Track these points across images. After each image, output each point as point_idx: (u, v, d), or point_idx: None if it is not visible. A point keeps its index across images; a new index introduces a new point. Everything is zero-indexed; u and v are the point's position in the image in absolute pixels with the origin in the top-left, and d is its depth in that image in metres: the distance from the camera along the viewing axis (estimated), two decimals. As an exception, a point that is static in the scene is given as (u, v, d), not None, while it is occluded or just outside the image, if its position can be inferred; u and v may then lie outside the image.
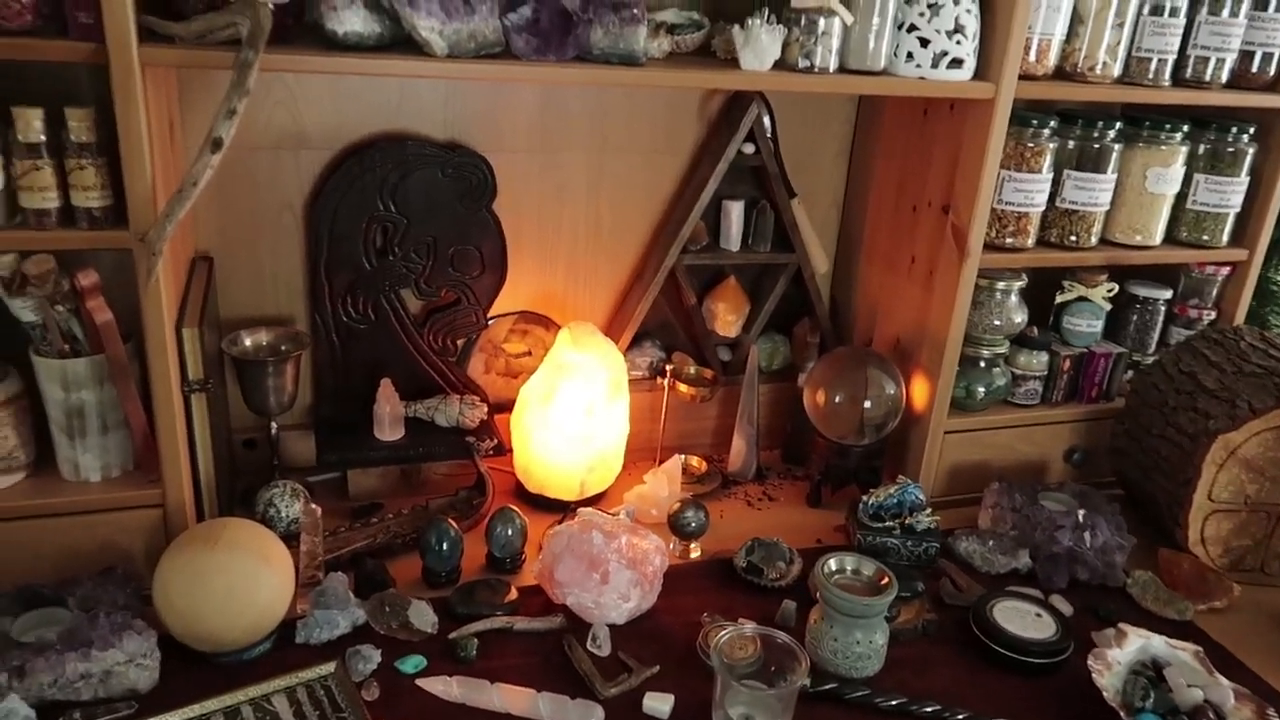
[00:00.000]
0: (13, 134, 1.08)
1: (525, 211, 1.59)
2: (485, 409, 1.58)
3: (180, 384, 1.21)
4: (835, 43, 1.30)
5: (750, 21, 1.27)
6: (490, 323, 1.63)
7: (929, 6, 1.32)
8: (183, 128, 1.34)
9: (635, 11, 1.21)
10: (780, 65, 1.30)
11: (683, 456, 1.65)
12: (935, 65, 1.34)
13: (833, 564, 1.23)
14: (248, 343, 1.46)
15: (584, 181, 1.61)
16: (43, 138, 1.08)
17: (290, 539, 1.30)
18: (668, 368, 1.62)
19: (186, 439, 1.24)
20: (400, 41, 1.16)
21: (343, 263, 1.50)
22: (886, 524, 1.45)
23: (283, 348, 1.46)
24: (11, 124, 1.07)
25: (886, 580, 1.20)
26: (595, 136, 1.58)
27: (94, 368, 1.19)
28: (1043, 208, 1.52)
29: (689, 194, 1.63)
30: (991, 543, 1.46)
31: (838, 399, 1.54)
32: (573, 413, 1.48)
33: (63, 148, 1.10)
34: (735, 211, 1.63)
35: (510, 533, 1.36)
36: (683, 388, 1.61)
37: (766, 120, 1.59)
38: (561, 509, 1.51)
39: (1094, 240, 1.58)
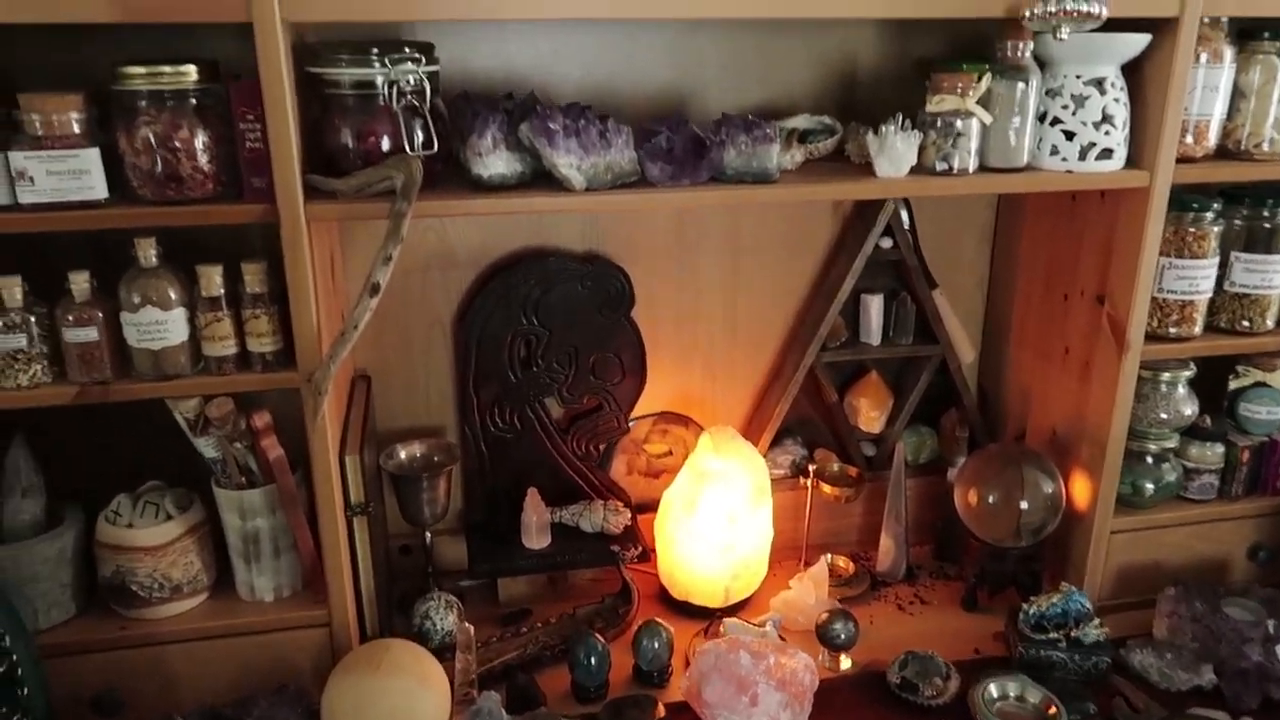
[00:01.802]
0: (197, 290, 1.17)
1: (663, 315, 1.61)
2: (629, 515, 1.60)
3: (344, 509, 1.28)
4: (974, 143, 1.27)
5: (884, 128, 1.26)
6: (631, 425, 1.65)
7: (1073, 99, 1.28)
8: (344, 263, 1.43)
9: (768, 131, 1.22)
10: (917, 169, 1.28)
11: (829, 557, 1.62)
12: (1083, 158, 1.30)
13: (994, 690, 1.17)
14: (402, 455, 1.53)
15: (719, 282, 1.62)
16: (222, 291, 1.18)
17: (444, 650, 1.35)
18: (811, 467, 1.60)
19: (350, 560, 1.30)
20: (541, 176, 1.21)
21: (490, 375, 1.55)
22: (1050, 636, 1.37)
23: (435, 458, 1.52)
24: (196, 281, 1.17)
25: (1054, 710, 1.13)
26: (729, 238, 1.59)
27: (267, 497, 1.27)
28: (1209, 294, 1.44)
29: (825, 290, 1.62)
30: (1170, 655, 1.36)
31: (991, 499, 1.48)
32: (716, 520, 1.48)
33: (239, 299, 1.19)
34: (875, 305, 1.61)
35: (657, 646, 1.36)
36: (826, 488, 1.58)
37: (904, 214, 1.56)
38: (706, 616, 1.51)
39: (1269, 324, 1.47)
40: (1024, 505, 1.46)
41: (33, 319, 1.15)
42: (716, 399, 1.70)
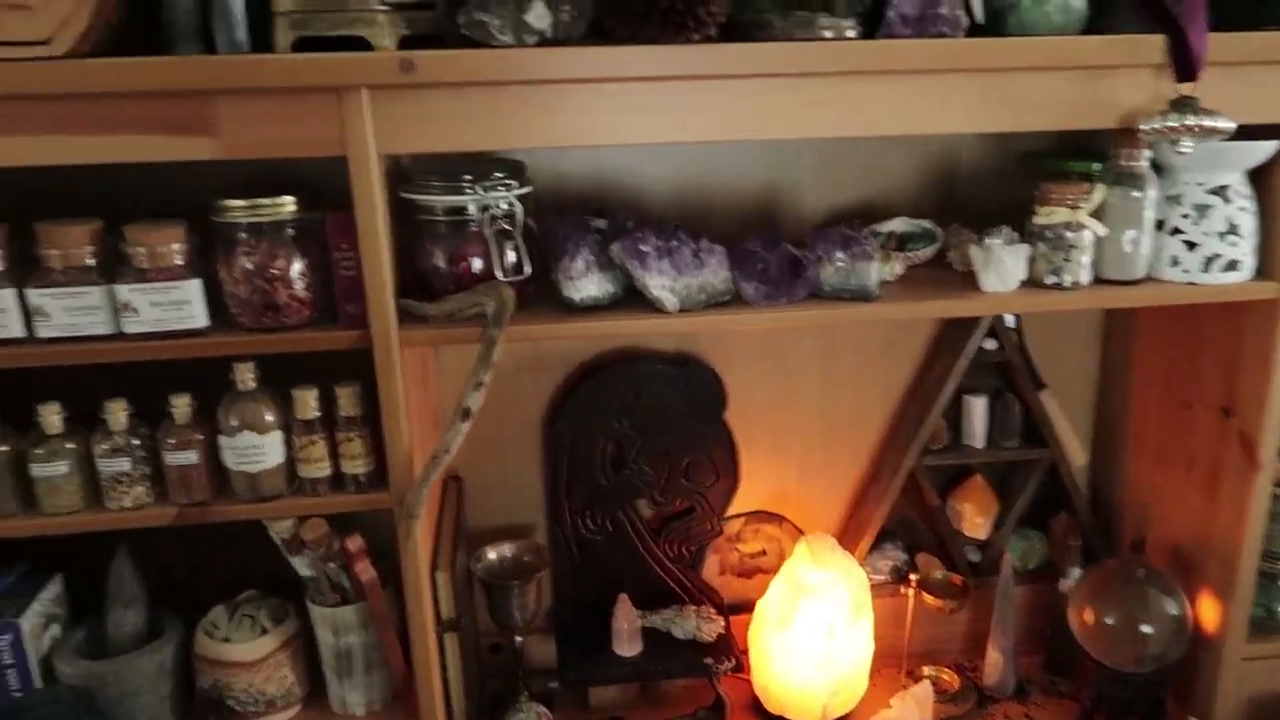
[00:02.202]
0: (293, 413, 1.18)
1: (756, 415, 1.57)
2: (722, 623, 1.55)
3: (435, 624, 1.27)
4: (1087, 255, 1.21)
5: (989, 241, 1.20)
6: (724, 525, 1.61)
7: (1195, 208, 1.20)
8: (437, 376, 1.43)
9: (867, 248, 1.18)
10: (1026, 282, 1.22)
11: (932, 671, 1.54)
12: (1206, 269, 1.22)
13: None
14: (492, 557, 1.51)
15: (815, 382, 1.58)
16: (317, 414, 1.18)
17: (534, 763, 1.32)
18: (913, 577, 1.53)
19: (440, 674, 1.29)
20: (633, 294, 1.19)
21: (581, 477, 1.53)
22: (1178, 776, 1.27)
23: (525, 560, 1.51)
24: (291, 405, 1.18)
25: None
26: (824, 336, 1.55)
27: (360, 614, 1.27)
28: (1350, 406, 1.33)
29: (925, 390, 1.56)
30: (1314, 804, 1.25)
31: (1110, 620, 1.39)
32: (813, 634, 1.42)
33: (333, 422, 1.19)
34: (978, 408, 1.54)
35: (752, 772, 1.30)
36: (930, 598, 1.51)
37: (1008, 314, 1.49)
38: (803, 733, 1.45)
39: None
40: (1146, 630, 1.36)
41: (136, 442, 1.17)
42: (812, 498, 1.64)
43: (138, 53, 1.01)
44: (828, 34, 1.09)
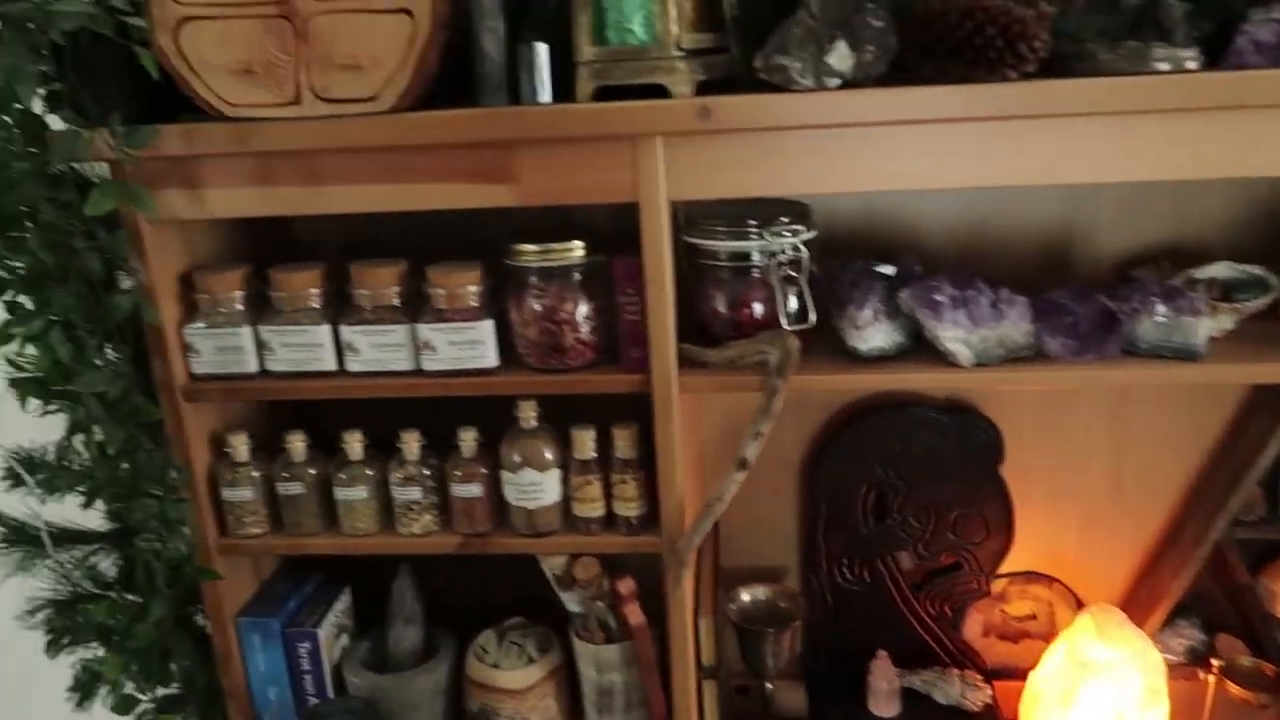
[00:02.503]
0: (571, 453, 1.20)
1: (1035, 471, 1.45)
2: (989, 692, 1.45)
3: (696, 670, 1.25)
4: None
5: (1345, 294, 1.05)
6: (992, 584, 1.50)
7: None
8: (696, 416, 1.42)
9: (1195, 302, 1.06)
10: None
11: (1237, 771, 1.37)
12: None
13: None
14: (745, 599, 1.48)
15: (1104, 437, 1.44)
16: (594, 455, 1.20)
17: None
18: (1215, 662, 1.36)
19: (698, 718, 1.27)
20: (922, 344, 1.13)
21: (839, 524, 1.48)
22: None
23: (780, 606, 1.47)
24: (570, 444, 1.20)
25: None
26: (1117, 388, 1.41)
27: (624, 653, 1.28)
28: None
29: (1239, 453, 1.38)
30: None
31: None
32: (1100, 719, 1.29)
33: (609, 463, 1.20)
34: (1305, 476, 1.35)
35: None
36: (1234, 689, 1.34)
37: (1350, 371, 1.30)
38: (1085, 825, 1.32)
39: None
40: None
41: (426, 472, 1.22)
42: (1092, 563, 1.50)
43: (445, 105, 1.05)
44: (1163, 66, 0.98)
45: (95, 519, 1.47)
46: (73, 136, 0.99)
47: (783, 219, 1.12)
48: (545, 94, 1.05)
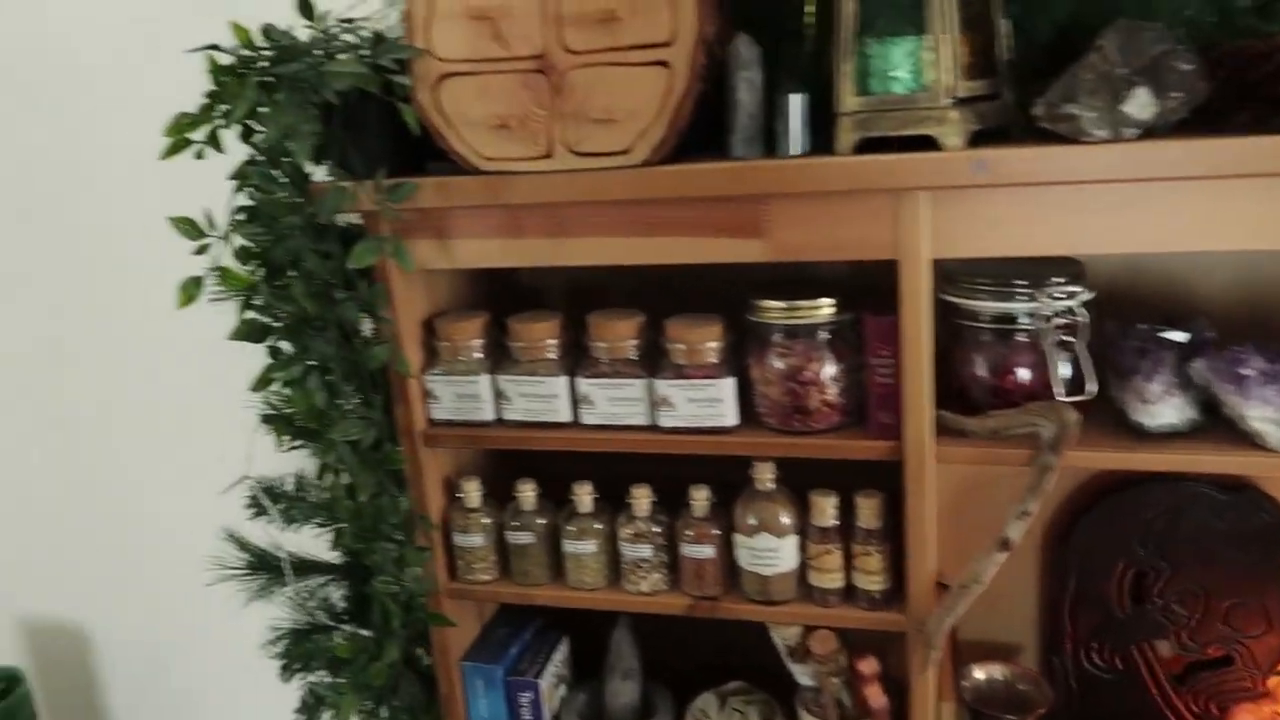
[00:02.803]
0: (809, 519, 1.14)
1: (1328, 559, 1.27)
2: (1272, 809, 1.27)
3: (934, 758, 1.16)
4: None
5: None
6: (1269, 682, 1.33)
7: None
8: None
9: None
10: None
11: None
12: None
13: None
14: (979, 676, 1.36)
15: None
16: (834, 523, 1.13)
17: None
18: None
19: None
20: (1218, 420, 1.00)
21: (1089, 604, 1.34)
22: None
23: (1020, 688, 1.34)
24: (808, 509, 1.14)
25: None
26: None
27: (854, 733, 1.20)
28: None
29: None
30: None
31: None
32: None
33: (850, 532, 1.13)
34: None
35: None
36: None
37: None
38: None
39: None
40: None
41: (656, 530, 1.19)
42: (1396, 668, 1.30)
43: (689, 156, 1.02)
44: None
45: (323, 547, 1.52)
46: (339, 191, 1.01)
47: (1055, 278, 1.03)
48: (802, 146, 1.00)
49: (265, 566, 1.45)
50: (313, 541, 1.51)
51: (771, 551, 1.14)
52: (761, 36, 1.00)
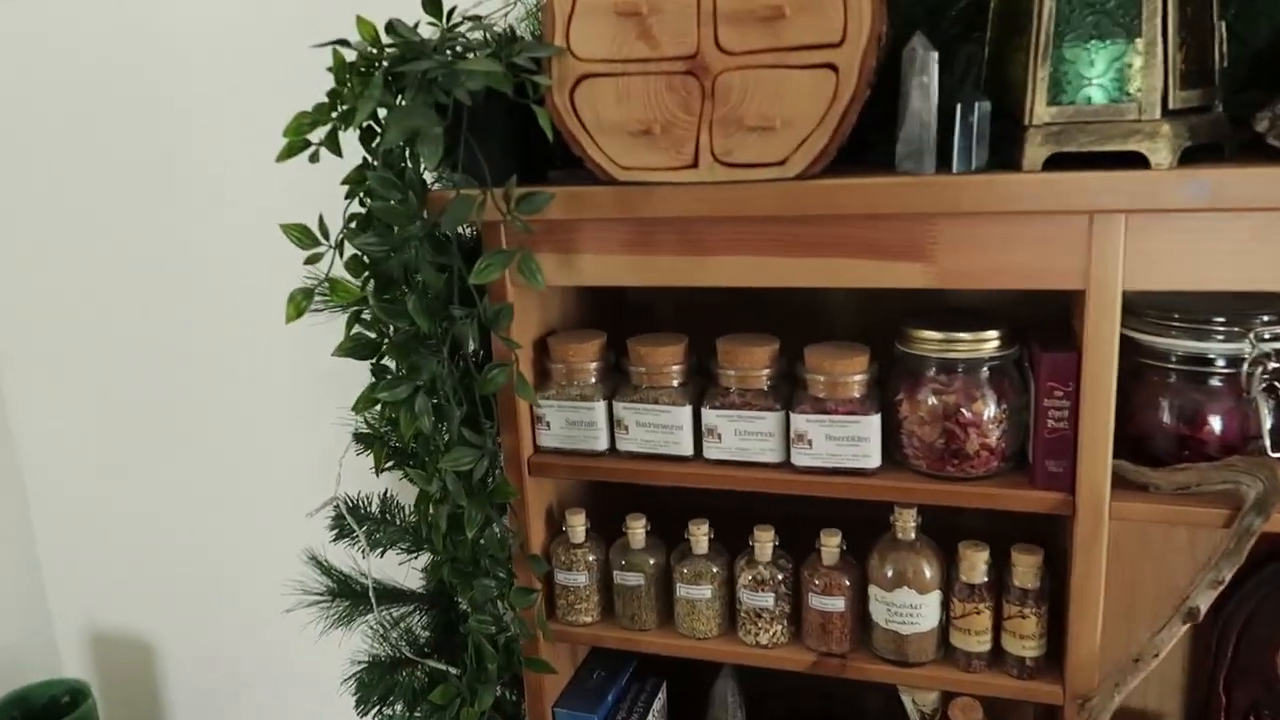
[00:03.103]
0: (956, 573, 1.03)
1: None
2: None
3: (1083, 846, 1.04)
4: None
5: None
6: None
7: None
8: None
9: None
10: None
11: None
12: None
13: None
14: (1115, 749, 1.24)
15: None
16: (985, 579, 1.02)
17: None
18: None
19: None
20: None
21: (1246, 676, 1.21)
22: None
23: (1162, 766, 1.22)
24: (956, 563, 1.03)
25: None
26: None
27: (995, 813, 1.08)
28: None
29: None
30: None
31: None
32: None
33: (1002, 590, 1.02)
34: None
35: None
36: None
37: None
38: None
39: None
40: None
41: (779, 576, 1.09)
42: None
43: (842, 170, 0.92)
44: None
45: (406, 573, 1.44)
46: (465, 200, 0.92)
47: (1263, 315, 0.91)
48: (981, 160, 0.90)
49: (346, 593, 1.37)
50: (396, 568, 1.43)
51: (912, 609, 1.03)
52: (930, 37, 0.90)
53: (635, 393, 1.09)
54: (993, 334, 0.97)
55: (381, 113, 0.97)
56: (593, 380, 1.11)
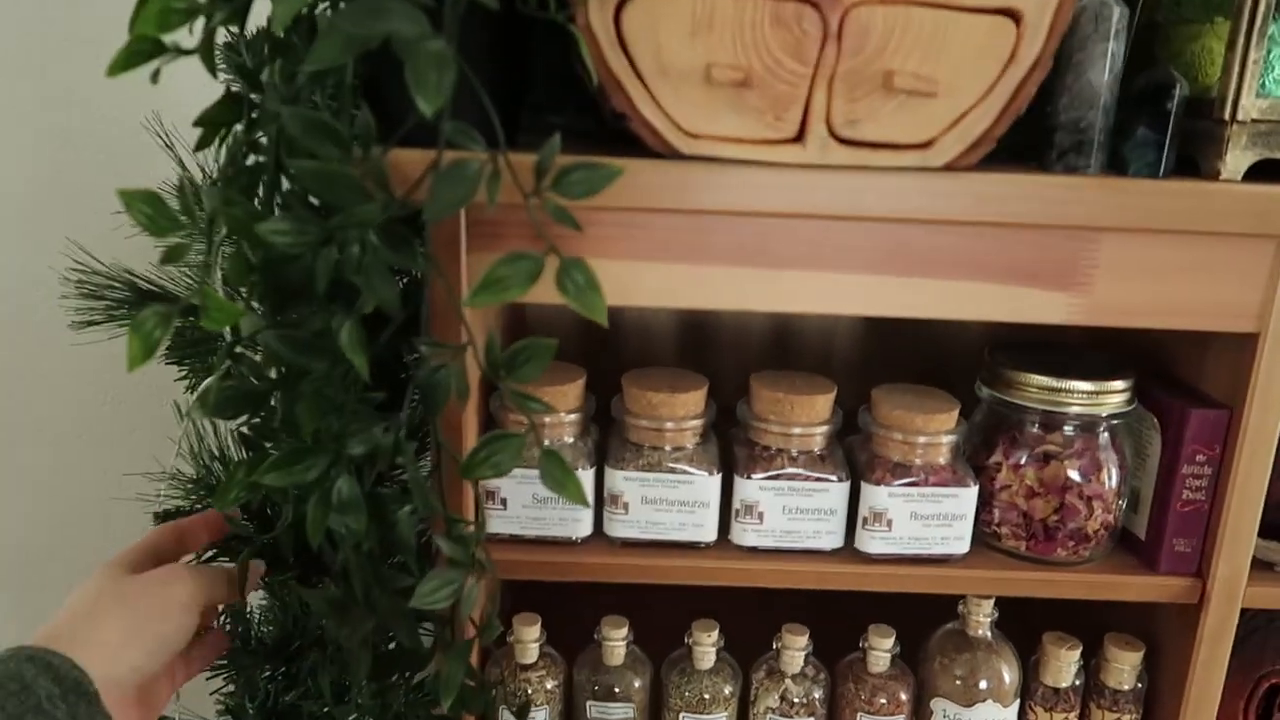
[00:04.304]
0: (1038, 674, 0.82)
1: None
2: None
3: None
4: None
5: None
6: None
7: None
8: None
9: None
10: None
11: None
12: None
13: None
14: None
15: None
16: (1074, 682, 0.82)
17: None
18: None
19: None
20: None
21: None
22: None
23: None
24: (1040, 661, 0.82)
25: None
26: None
27: None
28: None
29: None
30: None
31: None
32: None
33: (1091, 690, 0.83)
34: None
35: None
36: None
37: None
38: None
39: None
40: None
41: (818, 695, 0.82)
42: None
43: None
44: None
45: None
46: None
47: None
48: (1172, 162, 0.69)
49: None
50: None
51: (993, 725, 0.81)
52: None
53: (638, 456, 0.77)
54: (1120, 383, 0.77)
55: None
56: (570, 439, 0.77)
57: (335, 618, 0.63)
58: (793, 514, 0.76)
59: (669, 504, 0.76)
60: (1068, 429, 0.77)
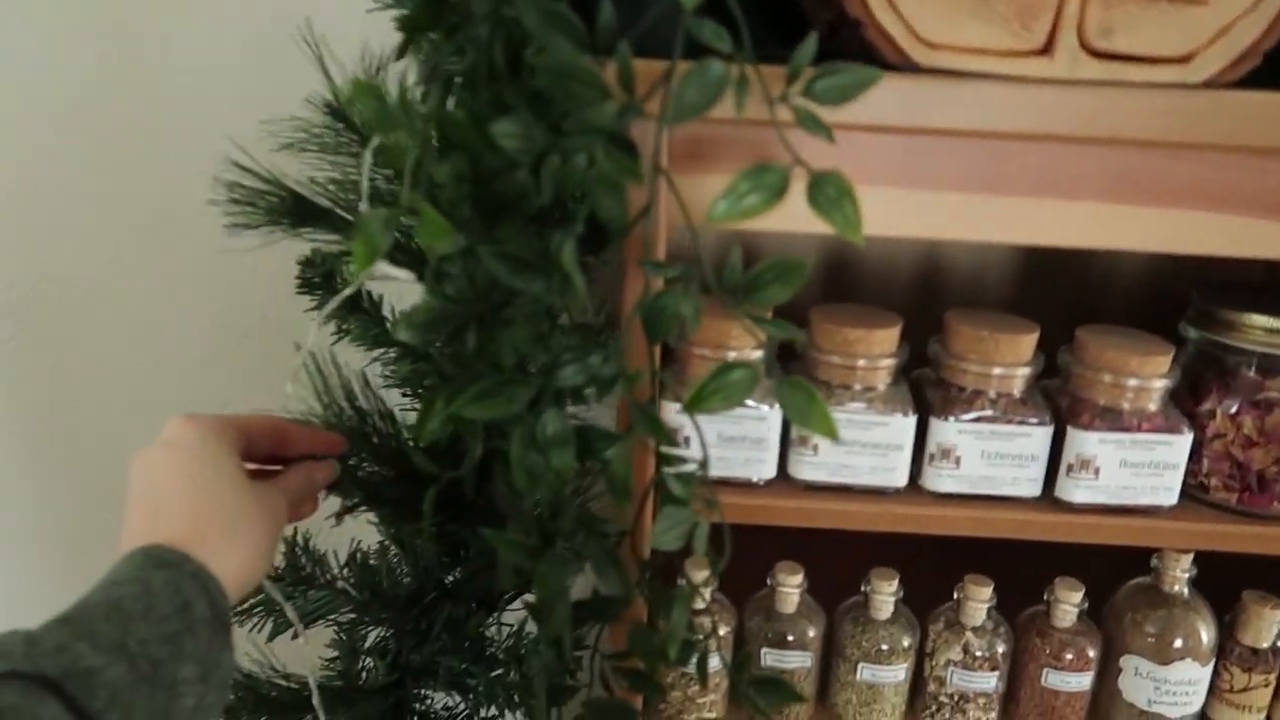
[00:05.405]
0: (1234, 634, 0.78)
1: None
2: None
3: None
4: None
5: None
6: None
7: None
8: None
9: None
10: None
11: None
12: None
13: None
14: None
15: None
16: (1274, 642, 0.78)
17: None
18: None
19: None
20: None
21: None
22: None
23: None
24: (1237, 620, 0.78)
25: None
26: None
27: None
28: None
29: None
30: None
31: None
32: None
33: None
34: None
35: None
36: None
37: None
38: None
39: None
40: None
41: (1001, 649, 0.79)
42: None
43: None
44: None
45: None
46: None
47: None
48: None
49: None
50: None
51: (1189, 685, 0.77)
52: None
53: (828, 396, 0.73)
54: (1353, 323, 0.71)
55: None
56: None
57: (533, 565, 0.61)
58: (992, 459, 0.72)
59: (861, 446, 0.73)
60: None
